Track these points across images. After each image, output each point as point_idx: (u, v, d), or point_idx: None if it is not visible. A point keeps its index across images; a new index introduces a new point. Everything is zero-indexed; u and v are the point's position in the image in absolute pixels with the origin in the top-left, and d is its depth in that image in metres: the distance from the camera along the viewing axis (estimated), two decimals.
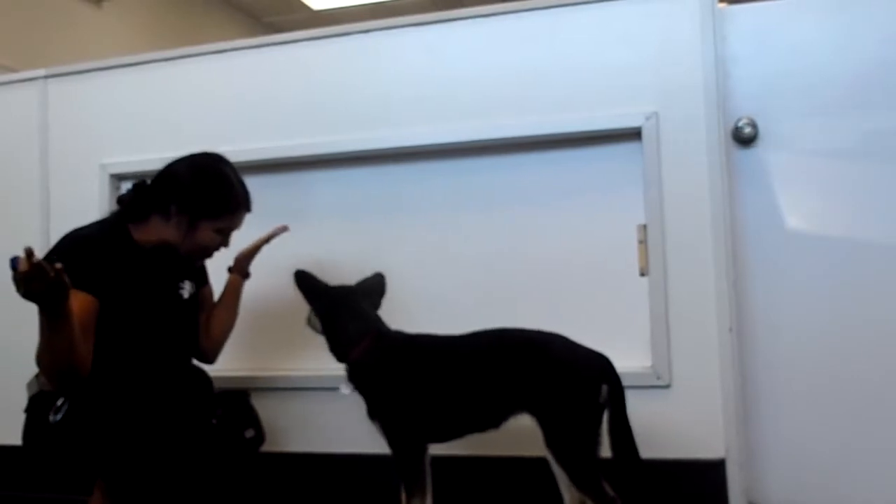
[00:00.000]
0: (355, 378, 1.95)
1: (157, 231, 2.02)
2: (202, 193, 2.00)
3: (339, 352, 1.98)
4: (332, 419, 2.38)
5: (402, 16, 2.41)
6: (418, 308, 2.26)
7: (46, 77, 2.75)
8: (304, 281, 2.01)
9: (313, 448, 2.41)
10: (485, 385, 1.81)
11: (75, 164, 2.70)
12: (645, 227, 2.18)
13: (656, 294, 2.15)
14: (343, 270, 2.43)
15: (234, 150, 2.50)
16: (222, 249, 2.11)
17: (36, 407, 2.00)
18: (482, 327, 1.93)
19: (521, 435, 1.82)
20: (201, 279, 2.22)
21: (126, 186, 2.66)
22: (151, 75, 2.65)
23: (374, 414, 1.91)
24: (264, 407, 2.25)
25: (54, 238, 2.67)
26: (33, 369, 2.64)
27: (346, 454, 2.37)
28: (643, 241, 2.18)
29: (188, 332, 2.14)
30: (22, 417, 2.06)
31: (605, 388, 1.73)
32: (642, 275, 2.19)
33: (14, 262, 1.64)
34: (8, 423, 2.69)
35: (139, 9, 5.77)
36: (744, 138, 2.16)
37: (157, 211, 2.01)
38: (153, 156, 2.58)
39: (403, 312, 2.08)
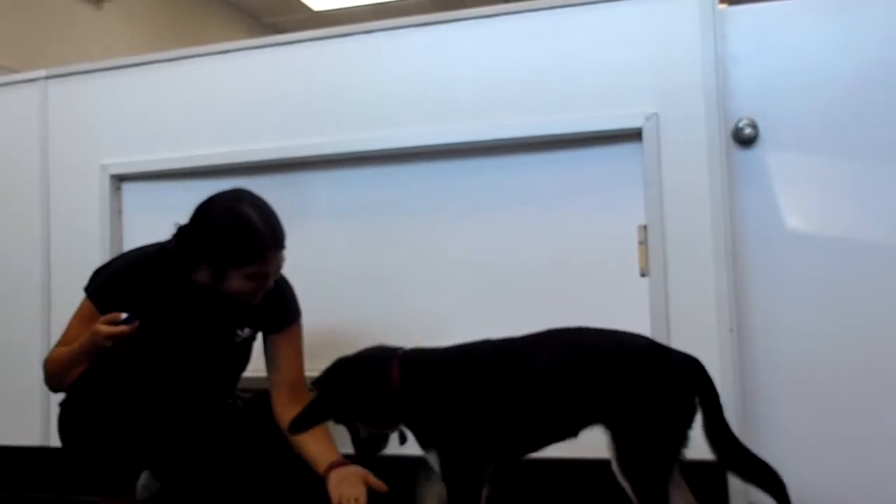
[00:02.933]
0: (405, 415, 1.70)
1: (203, 276, 1.89)
2: (223, 241, 1.81)
3: (379, 405, 1.69)
4: None
5: (403, 16, 2.42)
6: (419, 308, 2.26)
7: (47, 78, 2.76)
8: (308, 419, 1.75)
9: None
10: (557, 395, 1.63)
11: (76, 165, 2.70)
12: (645, 227, 2.18)
13: (656, 294, 2.15)
14: (344, 271, 2.44)
15: (235, 150, 2.51)
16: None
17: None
18: (482, 327, 1.88)
19: None
20: (269, 327, 2.04)
21: (126, 187, 2.68)
22: (152, 76, 2.65)
23: (429, 443, 1.68)
24: None
25: (55, 239, 2.71)
26: (32, 370, 2.66)
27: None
28: (643, 242, 2.18)
29: (228, 374, 2.09)
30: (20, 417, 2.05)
31: (697, 399, 1.62)
32: (643, 275, 2.19)
33: (131, 318, 1.75)
34: (10, 424, 2.71)
35: (139, 9, 5.77)
36: (744, 139, 2.16)
37: (194, 259, 1.88)
38: (154, 156, 2.60)
39: (404, 313, 2.08)
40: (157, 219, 2.07)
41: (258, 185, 2.39)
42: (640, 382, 1.60)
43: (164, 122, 2.62)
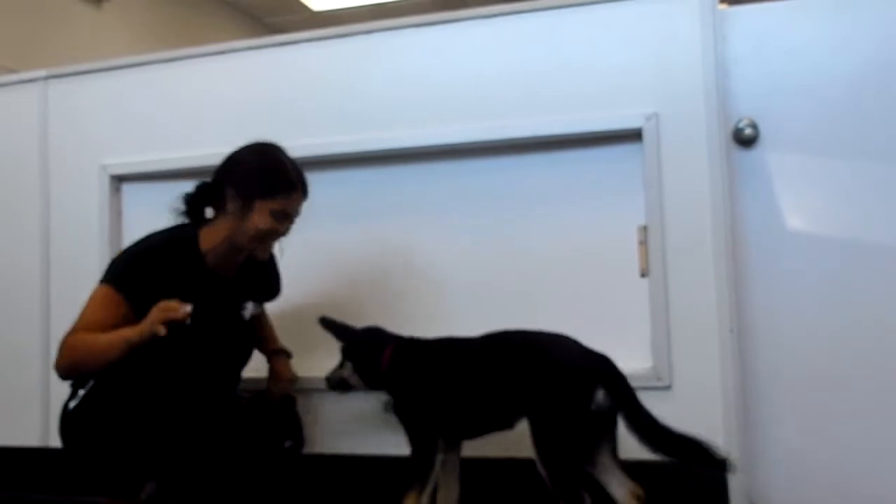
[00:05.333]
0: (388, 385, 2.01)
1: (221, 228, 1.99)
2: (255, 172, 1.97)
3: (371, 373, 2.03)
4: (339, 419, 2.39)
5: (402, 17, 2.42)
6: (418, 307, 2.26)
7: (47, 78, 2.76)
8: (331, 324, 2.09)
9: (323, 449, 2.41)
10: (489, 387, 1.84)
11: (76, 165, 2.70)
12: (645, 227, 2.18)
13: (657, 295, 2.15)
14: (346, 271, 2.44)
15: None
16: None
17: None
18: (483, 327, 1.93)
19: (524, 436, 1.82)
20: (265, 297, 2.24)
21: (126, 188, 2.68)
22: (152, 76, 2.65)
23: (397, 410, 1.97)
24: None
25: (54, 239, 2.71)
26: (32, 370, 2.67)
27: (352, 455, 2.38)
28: (644, 242, 2.18)
29: (241, 351, 2.14)
30: (20, 418, 2.05)
31: (600, 392, 1.72)
32: (643, 276, 2.19)
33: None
34: (9, 425, 2.72)
35: (139, 10, 5.77)
36: (744, 139, 2.16)
37: (218, 203, 2.00)
38: (154, 157, 2.60)
39: (404, 312, 2.08)
40: (157, 219, 2.08)
41: None
42: (540, 377, 1.76)
43: (163, 123, 2.62)
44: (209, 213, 2.05)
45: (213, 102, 2.58)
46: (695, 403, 2.11)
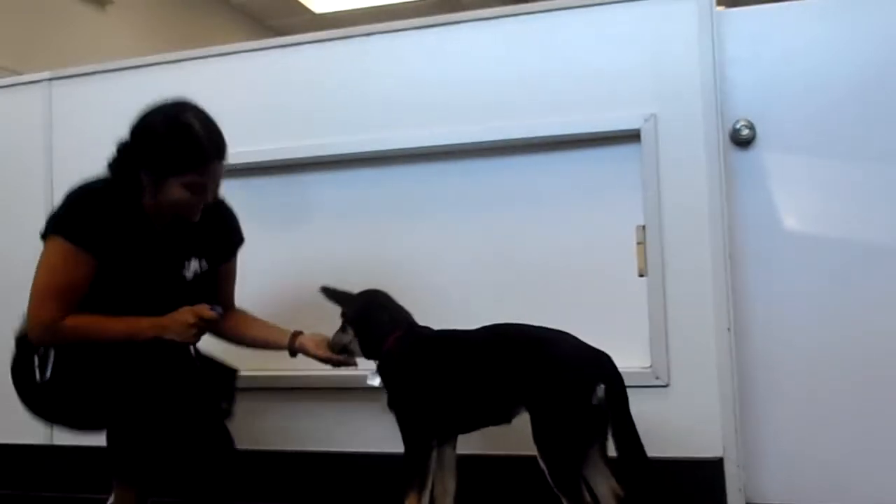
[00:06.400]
0: (385, 369, 1.99)
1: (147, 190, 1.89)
2: (162, 149, 1.83)
3: (371, 347, 2.01)
4: (335, 418, 2.41)
5: (402, 19, 2.43)
6: (418, 307, 2.27)
7: (51, 80, 2.78)
8: (332, 292, 2.07)
9: (312, 447, 2.43)
10: (489, 379, 1.84)
11: (80, 167, 2.70)
12: (643, 227, 2.19)
13: (655, 294, 2.16)
14: (346, 271, 2.45)
15: (237, 151, 2.50)
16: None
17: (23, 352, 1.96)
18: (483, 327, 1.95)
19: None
20: (220, 257, 2.07)
21: None
22: (155, 78, 2.67)
23: (392, 404, 1.94)
24: (272, 409, 2.30)
25: None
26: None
27: (346, 453, 2.41)
28: (642, 242, 2.20)
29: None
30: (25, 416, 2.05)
31: (600, 387, 1.72)
32: (641, 275, 2.20)
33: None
34: (15, 422, 2.73)
35: (143, 12, 5.80)
36: (741, 140, 2.18)
37: (135, 169, 1.88)
38: None
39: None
40: None
41: (261, 187, 2.41)
42: (543, 370, 1.76)
43: None
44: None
45: (216, 103, 2.55)
46: (692, 402, 2.12)
